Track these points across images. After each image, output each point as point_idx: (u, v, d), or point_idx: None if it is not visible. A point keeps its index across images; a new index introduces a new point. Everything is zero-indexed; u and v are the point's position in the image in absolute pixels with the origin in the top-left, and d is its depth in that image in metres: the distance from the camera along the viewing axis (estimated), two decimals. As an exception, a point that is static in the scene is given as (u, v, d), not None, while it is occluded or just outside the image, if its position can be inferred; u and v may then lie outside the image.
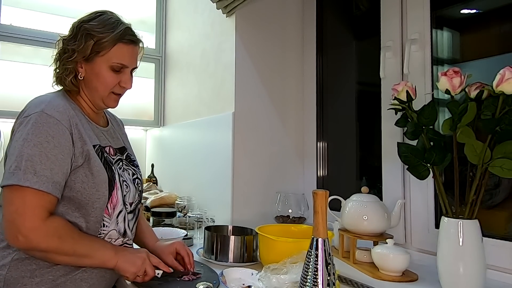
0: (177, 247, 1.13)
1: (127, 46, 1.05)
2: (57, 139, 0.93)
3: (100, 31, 1.02)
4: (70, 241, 0.93)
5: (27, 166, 0.89)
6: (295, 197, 1.63)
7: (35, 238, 0.88)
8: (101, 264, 0.97)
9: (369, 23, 1.57)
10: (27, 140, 0.92)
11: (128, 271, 0.97)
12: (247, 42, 1.72)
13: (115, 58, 1.04)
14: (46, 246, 0.90)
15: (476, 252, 0.92)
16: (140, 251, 1.02)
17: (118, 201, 1.04)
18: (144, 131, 2.64)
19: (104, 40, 1.02)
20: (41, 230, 0.89)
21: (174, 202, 1.91)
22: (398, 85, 1.10)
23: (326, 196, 0.76)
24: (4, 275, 0.93)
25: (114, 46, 1.03)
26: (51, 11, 2.26)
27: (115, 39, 1.02)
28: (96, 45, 1.02)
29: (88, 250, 0.95)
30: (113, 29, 1.03)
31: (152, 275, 1.00)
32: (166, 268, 1.03)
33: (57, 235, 0.91)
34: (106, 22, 1.04)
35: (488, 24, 1.25)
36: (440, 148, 1.01)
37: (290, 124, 1.84)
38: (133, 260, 0.98)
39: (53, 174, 0.91)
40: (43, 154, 0.91)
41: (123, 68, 1.06)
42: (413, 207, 1.32)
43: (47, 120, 0.94)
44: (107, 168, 1.02)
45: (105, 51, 1.02)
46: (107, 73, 1.04)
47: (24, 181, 0.88)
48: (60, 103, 0.99)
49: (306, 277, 0.75)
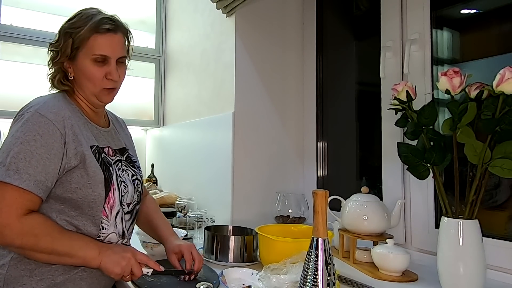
0: (182, 249, 1.09)
1: (104, 35, 1.01)
2: (45, 139, 0.93)
3: (76, 26, 1.01)
4: (47, 239, 0.91)
5: (11, 162, 0.90)
6: (295, 197, 1.63)
7: (9, 234, 0.88)
8: (84, 263, 0.95)
9: (369, 23, 1.57)
10: (15, 137, 0.93)
11: (112, 272, 0.94)
12: (247, 42, 1.72)
13: (95, 49, 1.01)
14: (21, 243, 0.89)
15: (476, 252, 0.92)
16: (125, 250, 0.99)
17: (115, 202, 1.03)
18: (144, 131, 2.64)
19: (80, 34, 1.00)
20: (15, 227, 0.88)
21: (174, 202, 1.91)
22: (398, 85, 1.10)
23: (326, 196, 0.76)
24: (4, 274, 0.93)
25: (91, 37, 1.00)
26: (51, 11, 2.26)
27: (90, 30, 1.00)
28: (74, 42, 1.02)
29: (68, 249, 0.93)
30: (88, 21, 1.01)
31: (138, 275, 0.96)
32: (156, 266, 1.00)
33: (32, 233, 0.90)
34: (83, 16, 1.03)
35: (488, 24, 1.25)
36: (440, 148, 1.01)
37: (290, 124, 1.84)
38: (117, 260, 0.95)
39: (37, 173, 0.91)
40: (28, 152, 0.91)
41: (106, 59, 1.02)
42: (413, 207, 1.32)
43: (38, 119, 0.94)
44: (104, 168, 1.01)
45: (83, 44, 1.01)
46: (92, 67, 1.02)
47: (5, 177, 0.88)
48: (56, 104, 0.99)
49: (306, 277, 0.75)
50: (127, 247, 1.04)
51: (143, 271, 0.98)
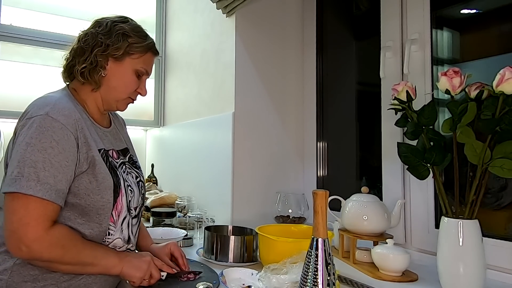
0: (171, 248, 1.13)
1: (153, 57, 1.12)
2: (61, 145, 0.90)
3: (136, 35, 1.06)
4: (73, 250, 0.91)
5: (30, 173, 0.86)
6: (295, 197, 1.63)
7: (38, 248, 0.86)
8: (106, 271, 0.95)
9: (369, 23, 1.57)
10: (30, 144, 0.88)
11: (135, 276, 0.96)
12: (247, 42, 1.72)
13: (143, 64, 1.08)
14: (49, 256, 0.88)
15: (476, 252, 0.92)
16: (144, 255, 1.01)
17: (122, 208, 1.02)
18: (144, 131, 2.64)
19: (138, 45, 1.06)
20: (45, 240, 0.86)
21: (174, 202, 1.91)
22: (398, 85, 1.10)
23: (326, 196, 0.76)
24: (6, 280, 0.91)
25: (146, 53, 1.08)
26: (51, 11, 2.26)
27: (148, 48, 1.08)
28: (129, 47, 1.04)
29: (92, 259, 0.93)
30: (146, 38, 1.09)
31: (158, 277, 0.99)
32: (170, 269, 1.03)
33: (60, 245, 0.88)
34: (138, 29, 1.09)
35: (488, 24, 1.25)
36: (440, 148, 1.01)
37: (290, 124, 1.84)
38: (139, 265, 0.97)
39: (57, 182, 0.88)
40: (47, 160, 0.88)
41: (144, 75, 1.11)
42: (413, 207, 1.32)
43: (52, 124, 0.90)
44: (112, 173, 0.99)
45: (137, 55, 1.06)
46: (131, 76, 1.07)
47: (27, 189, 0.85)
48: (66, 106, 0.95)
49: (306, 277, 0.75)
50: (144, 253, 1.05)
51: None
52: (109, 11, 1.12)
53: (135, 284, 0.98)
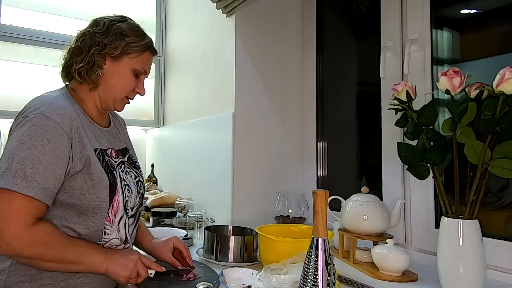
0: (174, 242, 1.13)
1: (151, 56, 1.11)
2: (53, 143, 0.89)
3: (134, 34, 1.05)
4: (57, 248, 0.89)
5: (18, 169, 0.85)
6: (295, 197, 1.63)
7: (18, 245, 0.85)
8: (91, 270, 0.94)
9: (369, 23, 1.57)
10: (21, 142, 0.88)
11: (121, 275, 0.94)
12: (247, 42, 1.72)
13: (141, 63, 1.08)
14: (30, 253, 0.87)
15: (476, 252, 0.92)
16: (131, 253, 1.00)
17: (119, 207, 1.01)
18: (144, 131, 2.64)
19: (136, 44, 1.05)
20: (25, 237, 0.85)
21: (174, 202, 1.91)
22: (398, 85, 1.10)
23: (326, 196, 0.76)
24: (4, 280, 0.91)
25: (144, 52, 1.07)
26: (51, 11, 2.26)
27: (146, 47, 1.08)
28: (127, 46, 1.04)
29: (77, 256, 0.92)
30: (144, 37, 1.08)
31: (145, 276, 0.98)
32: (158, 267, 1.02)
33: (42, 242, 0.87)
34: (136, 28, 1.08)
35: (488, 24, 1.25)
36: (440, 148, 1.01)
37: (290, 124, 1.84)
38: (125, 263, 0.95)
39: (45, 180, 0.87)
40: (36, 158, 0.87)
41: (142, 74, 1.10)
42: (413, 207, 1.32)
43: (45, 122, 0.90)
44: (108, 173, 0.99)
45: (135, 54, 1.06)
46: (129, 76, 1.07)
47: (12, 185, 0.84)
48: (61, 105, 0.95)
49: (306, 277, 0.75)
50: (132, 250, 1.04)
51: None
52: (109, 11, 1.11)
53: (122, 283, 0.98)
